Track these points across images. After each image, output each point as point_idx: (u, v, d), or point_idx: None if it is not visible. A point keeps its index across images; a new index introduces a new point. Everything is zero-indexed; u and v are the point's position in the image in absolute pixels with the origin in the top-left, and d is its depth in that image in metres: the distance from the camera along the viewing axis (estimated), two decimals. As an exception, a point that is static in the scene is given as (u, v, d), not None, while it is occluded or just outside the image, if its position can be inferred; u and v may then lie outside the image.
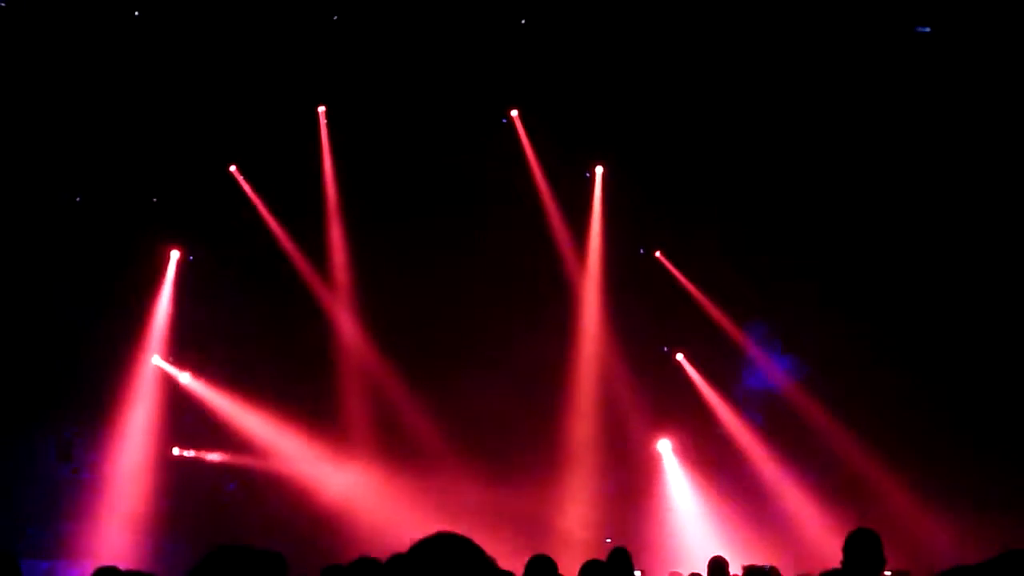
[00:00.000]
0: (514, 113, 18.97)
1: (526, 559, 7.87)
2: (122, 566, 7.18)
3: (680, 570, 14.69)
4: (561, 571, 7.93)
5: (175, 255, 19.03)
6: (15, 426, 18.65)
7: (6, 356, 18.19)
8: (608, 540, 11.49)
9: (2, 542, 18.31)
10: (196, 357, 18.98)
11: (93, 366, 18.17)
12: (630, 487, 19.08)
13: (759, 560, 16.53)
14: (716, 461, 19.11)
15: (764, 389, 19.36)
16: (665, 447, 19.19)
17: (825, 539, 16.05)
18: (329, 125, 18.94)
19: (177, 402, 18.85)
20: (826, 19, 17.46)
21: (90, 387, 18.34)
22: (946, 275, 18.24)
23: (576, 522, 18.48)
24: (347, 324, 19.11)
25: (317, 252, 19.09)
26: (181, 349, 18.99)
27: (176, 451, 18.77)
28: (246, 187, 18.92)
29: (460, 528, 3.01)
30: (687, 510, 19.15)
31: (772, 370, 19.31)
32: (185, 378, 18.82)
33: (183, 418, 18.85)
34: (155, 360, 18.82)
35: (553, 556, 7.97)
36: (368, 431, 18.88)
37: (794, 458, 18.82)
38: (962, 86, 17.42)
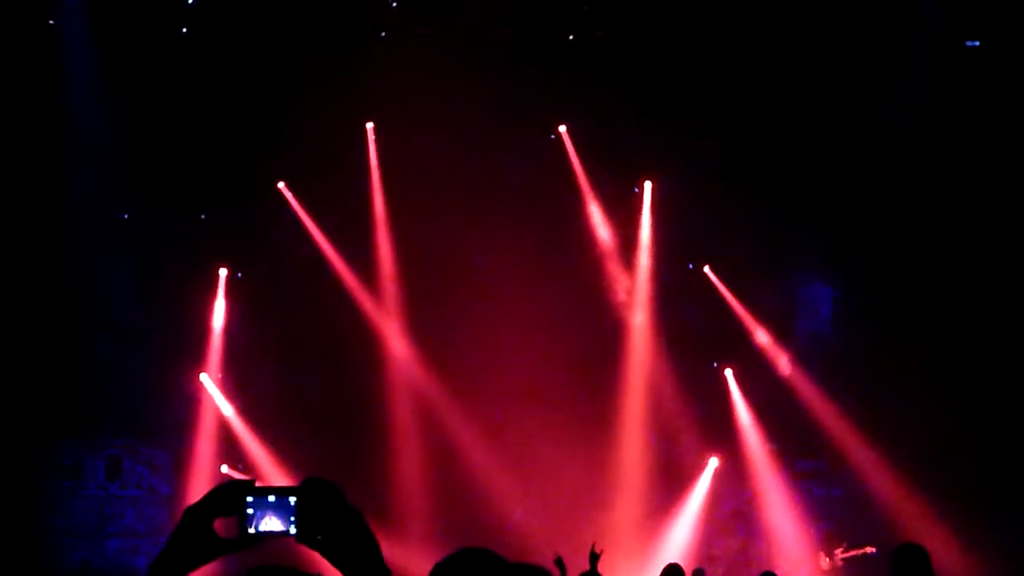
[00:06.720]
0: (562, 129, 18.91)
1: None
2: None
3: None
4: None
5: (223, 272, 19.08)
6: (64, 443, 18.76)
7: (55, 374, 18.30)
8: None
9: (51, 560, 18.46)
10: (244, 374, 19.03)
11: (143, 383, 18.21)
12: (680, 502, 18.91)
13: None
14: (765, 475, 18.92)
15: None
16: (715, 463, 19.01)
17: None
18: (377, 141, 18.95)
19: (224, 421, 18.90)
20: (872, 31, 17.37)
21: (139, 404, 18.41)
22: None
23: (627, 538, 18.32)
24: (396, 341, 19.09)
25: (366, 269, 19.08)
26: (229, 366, 19.03)
27: (225, 468, 18.77)
28: (295, 204, 18.96)
29: (505, 543, 2.93)
30: (741, 526, 19.01)
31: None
32: (228, 410, 18.85)
33: (231, 436, 18.89)
34: (203, 378, 18.88)
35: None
36: (416, 445, 18.84)
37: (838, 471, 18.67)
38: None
